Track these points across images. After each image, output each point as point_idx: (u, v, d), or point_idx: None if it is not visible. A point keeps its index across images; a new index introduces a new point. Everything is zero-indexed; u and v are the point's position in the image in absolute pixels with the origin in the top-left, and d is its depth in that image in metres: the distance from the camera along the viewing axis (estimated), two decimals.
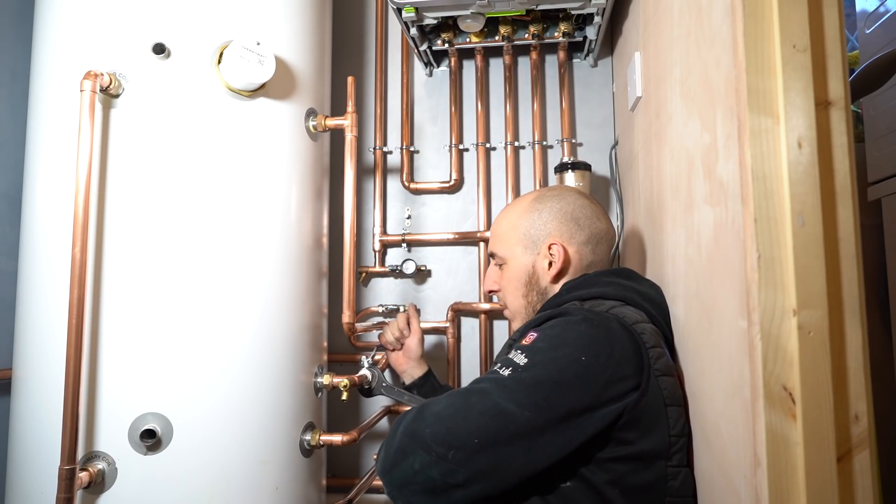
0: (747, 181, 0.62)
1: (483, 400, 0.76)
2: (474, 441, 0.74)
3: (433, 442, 0.74)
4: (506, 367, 0.80)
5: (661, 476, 0.80)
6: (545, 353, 0.79)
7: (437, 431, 0.75)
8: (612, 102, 1.64)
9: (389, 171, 1.69)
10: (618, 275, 1.00)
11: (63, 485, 0.90)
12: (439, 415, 0.77)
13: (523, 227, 1.04)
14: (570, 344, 0.79)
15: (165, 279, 1.02)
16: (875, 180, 1.39)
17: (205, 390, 1.03)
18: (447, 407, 0.78)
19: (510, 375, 0.78)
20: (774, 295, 0.60)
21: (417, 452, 0.75)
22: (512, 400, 0.75)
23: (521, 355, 0.80)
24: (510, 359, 0.81)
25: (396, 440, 0.78)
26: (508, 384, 0.77)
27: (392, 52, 1.73)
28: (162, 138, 1.04)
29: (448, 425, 0.75)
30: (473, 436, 0.74)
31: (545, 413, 0.75)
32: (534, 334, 0.84)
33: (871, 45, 1.45)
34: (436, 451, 0.74)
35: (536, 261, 1.02)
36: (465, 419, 0.75)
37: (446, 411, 0.77)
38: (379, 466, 0.81)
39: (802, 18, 0.61)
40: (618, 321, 0.84)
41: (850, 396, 0.60)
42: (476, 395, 0.78)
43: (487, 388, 0.78)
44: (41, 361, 1.02)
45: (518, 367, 0.79)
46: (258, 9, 1.14)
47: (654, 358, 0.83)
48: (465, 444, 0.74)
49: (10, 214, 1.26)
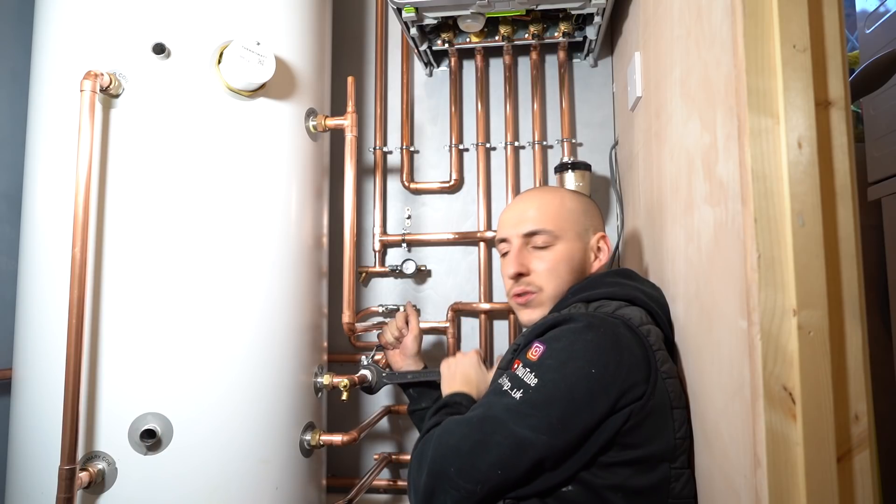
0: (747, 181, 0.62)
1: (499, 430, 0.77)
2: (498, 472, 0.76)
3: (460, 479, 0.76)
4: (517, 389, 0.79)
5: (665, 478, 0.79)
6: (554, 370, 0.78)
7: (461, 469, 0.77)
8: (612, 102, 1.64)
9: (389, 171, 1.69)
10: (621, 275, 1.00)
11: (63, 485, 0.90)
12: (459, 450, 0.78)
13: (578, 212, 1.01)
14: (579, 357, 0.78)
15: (165, 279, 1.02)
16: (875, 180, 1.39)
17: (205, 390, 1.03)
18: (464, 439, 0.79)
19: (522, 399, 0.78)
20: (774, 295, 0.60)
21: (448, 492, 0.77)
22: (527, 426, 0.76)
23: (531, 375, 0.80)
24: (520, 378, 0.80)
25: (423, 481, 0.79)
26: (522, 409, 0.77)
27: (392, 52, 1.73)
28: (162, 138, 1.04)
29: (471, 461, 0.77)
30: (496, 468, 0.76)
31: (561, 435, 0.76)
32: (540, 347, 0.82)
33: (871, 45, 1.45)
34: (465, 487, 0.76)
35: (587, 247, 1.01)
36: (486, 452, 0.76)
37: (465, 445, 0.78)
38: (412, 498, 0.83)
39: (802, 18, 0.61)
40: (624, 324, 0.84)
41: (850, 396, 0.60)
42: (490, 425, 0.78)
43: (500, 416, 0.78)
44: (41, 361, 1.02)
45: (529, 388, 0.78)
46: (258, 9, 1.14)
47: (660, 361, 0.83)
48: (490, 477, 0.76)
49: (10, 214, 1.26)
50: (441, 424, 0.84)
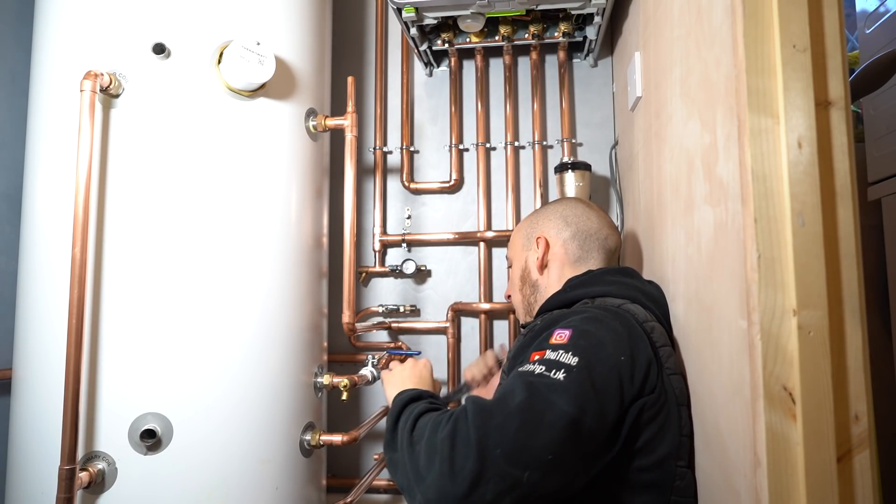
0: (747, 181, 0.62)
1: (550, 409, 0.68)
2: (549, 457, 0.66)
3: (507, 464, 0.65)
4: (557, 370, 0.72)
5: (670, 476, 0.79)
6: (592, 352, 0.75)
7: (509, 450, 0.66)
8: (612, 102, 1.64)
9: (389, 171, 1.69)
10: (622, 273, 1.00)
11: (63, 485, 0.90)
12: (505, 429, 0.67)
13: (524, 229, 1.11)
14: (609, 343, 0.77)
15: (165, 279, 1.02)
16: (875, 180, 1.39)
17: (205, 390, 1.03)
18: (510, 419, 0.68)
19: (567, 378, 0.71)
20: (774, 295, 0.60)
21: (493, 480, 0.65)
22: (578, 406, 0.69)
23: (569, 355, 0.74)
24: (556, 361, 0.74)
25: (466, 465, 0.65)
26: (571, 388, 0.70)
27: (392, 52, 1.73)
28: (162, 138, 1.04)
29: (522, 442, 0.66)
30: (548, 451, 0.66)
31: (603, 419, 0.71)
32: (565, 331, 0.78)
33: (871, 45, 1.45)
34: (512, 475, 0.65)
35: (528, 256, 1.08)
36: (538, 432, 0.67)
37: (512, 425, 0.67)
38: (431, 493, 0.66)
39: (802, 18, 0.61)
40: (634, 319, 0.84)
41: (850, 396, 0.60)
42: (541, 403, 0.69)
43: (548, 395, 0.70)
44: (41, 361, 1.02)
45: (571, 367, 0.72)
46: (258, 9, 1.14)
47: (664, 357, 0.83)
48: (542, 462, 0.66)
49: (9, 214, 1.26)
50: (466, 405, 0.72)
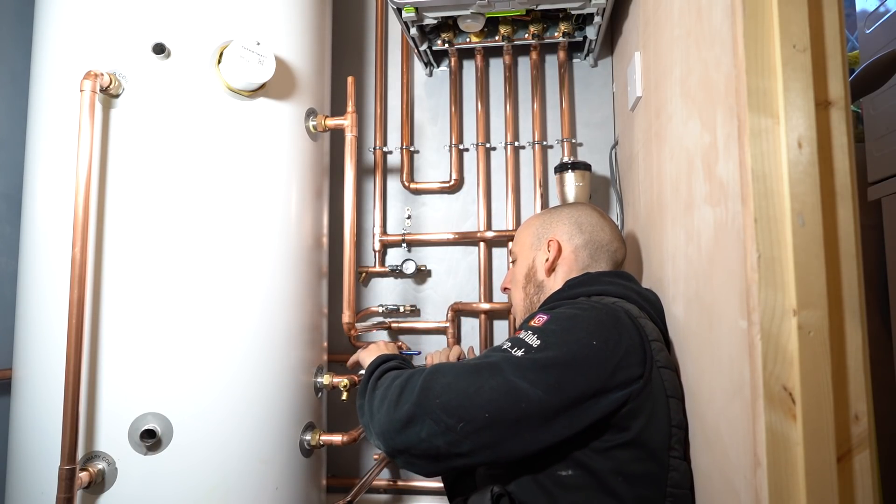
0: (747, 181, 0.62)
1: (495, 376, 0.77)
2: (484, 415, 0.75)
3: (443, 413, 0.76)
4: (518, 348, 0.80)
5: (664, 466, 0.81)
6: (557, 335, 0.80)
7: (447, 403, 0.76)
8: (612, 102, 1.64)
9: (389, 171, 1.69)
10: (619, 276, 1.02)
11: (63, 485, 0.90)
12: (450, 386, 0.78)
13: (535, 227, 1.11)
14: (582, 328, 0.81)
15: (166, 279, 1.02)
16: (875, 180, 1.39)
17: (205, 390, 1.03)
18: (458, 379, 0.78)
19: (523, 356, 0.79)
20: (774, 295, 0.60)
21: (426, 421, 0.76)
22: (525, 378, 0.76)
23: (534, 336, 0.81)
24: (521, 339, 0.82)
25: (404, 407, 0.78)
26: (522, 363, 0.78)
27: (392, 52, 1.73)
28: (162, 138, 1.04)
29: (460, 398, 0.76)
30: (484, 410, 0.75)
31: (557, 394, 0.76)
32: (544, 316, 0.85)
33: (871, 45, 1.45)
34: (445, 421, 0.75)
35: (537, 256, 1.08)
36: (478, 393, 0.76)
37: (458, 384, 0.78)
38: (376, 427, 0.81)
39: (802, 18, 0.61)
40: (624, 312, 0.86)
41: (850, 396, 0.60)
42: (488, 371, 0.78)
43: (500, 364, 0.79)
44: (41, 361, 1.02)
45: (531, 347, 0.79)
46: (258, 9, 1.14)
47: (655, 350, 0.85)
48: (475, 418, 0.75)
49: (9, 214, 1.26)
50: (428, 367, 0.84)
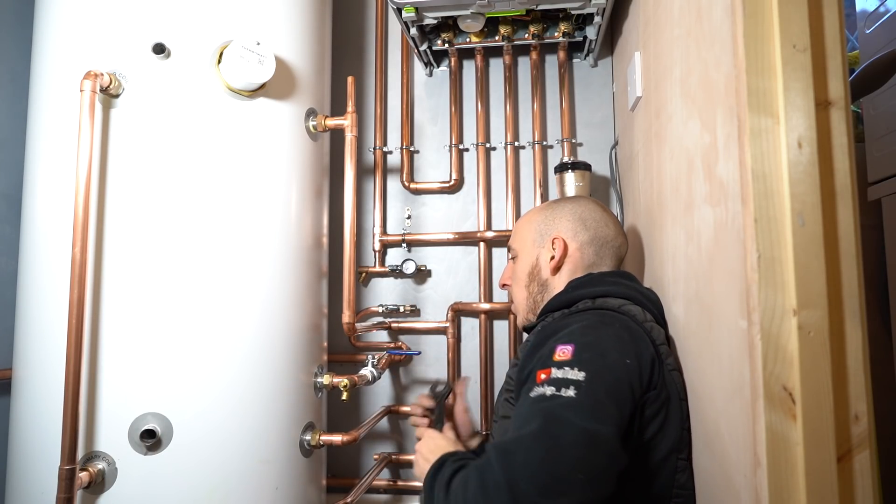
0: (747, 181, 0.62)
1: (567, 429, 0.68)
2: (580, 477, 0.65)
3: (541, 497, 0.64)
4: (566, 388, 0.72)
5: (672, 469, 0.81)
6: (597, 363, 0.75)
7: (542, 485, 0.64)
8: (612, 102, 1.64)
9: (389, 171, 1.69)
10: (621, 276, 1.02)
11: (63, 485, 0.90)
12: (529, 464, 0.66)
13: (536, 223, 1.08)
14: (612, 350, 0.78)
15: (165, 279, 1.02)
16: (875, 180, 1.39)
17: (205, 390, 1.03)
18: (531, 451, 0.67)
19: (577, 394, 0.71)
20: (774, 295, 0.60)
21: None
22: (593, 418, 0.69)
23: (575, 370, 0.74)
24: (562, 378, 0.74)
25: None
26: (583, 402, 0.70)
27: (392, 52, 1.73)
28: (162, 138, 1.04)
29: (548, 470, 0.65)
30: (577, 472, 0.65)
31: (621, 424, 0.72)
32: (567, 346, 0.78)
33: (871, 45, 1.45)
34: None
35: (541, 253, 1.05)
36: (562, 457, 0.66)
37: (534, 457, 0.66)
38: None
39: (802, 18, 0.61)
40: (633, 320, 0.86)
41: (850, 396, 0.60)
42: (556, 426, 0.68)
43: (561, 414, 0.69)
44: (41, 361, 1.02)
45: (580, 382, 0.72)
46: (258, 9, 1.14)
47: (664, 354, 0.85)
48: (574, 485, 0.64)
49: (9, 214, 1.26)
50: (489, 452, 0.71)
